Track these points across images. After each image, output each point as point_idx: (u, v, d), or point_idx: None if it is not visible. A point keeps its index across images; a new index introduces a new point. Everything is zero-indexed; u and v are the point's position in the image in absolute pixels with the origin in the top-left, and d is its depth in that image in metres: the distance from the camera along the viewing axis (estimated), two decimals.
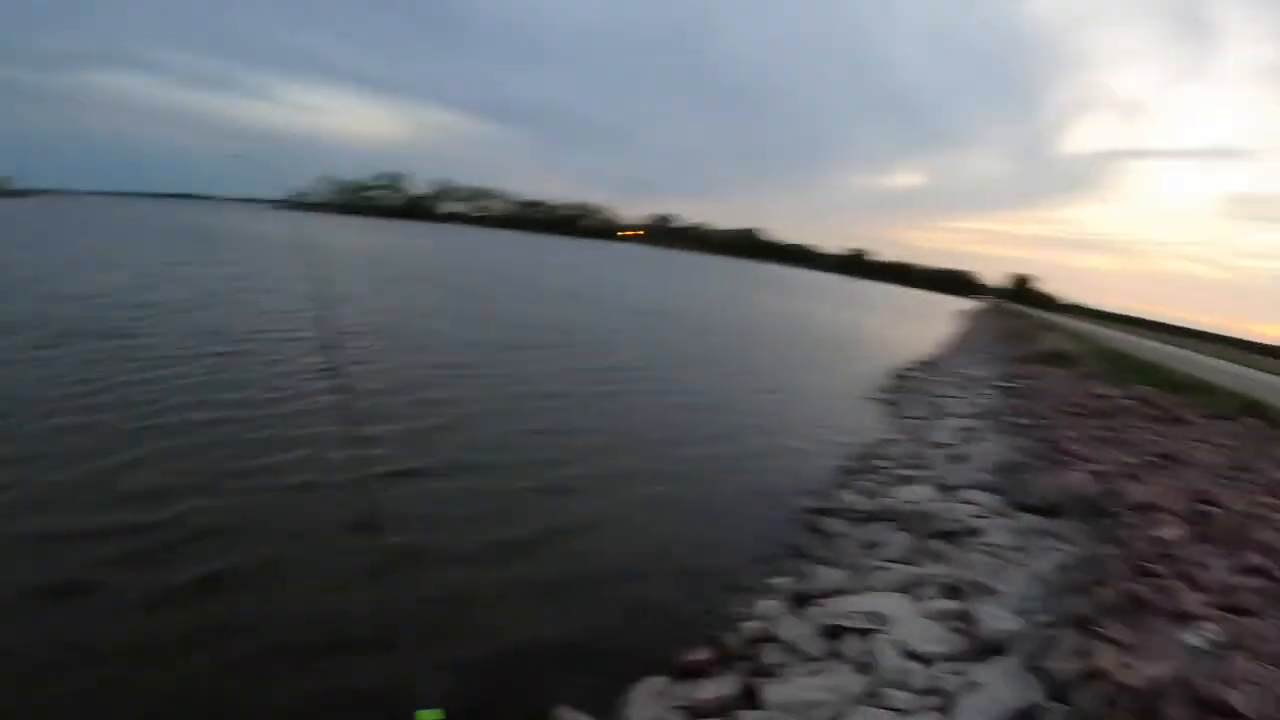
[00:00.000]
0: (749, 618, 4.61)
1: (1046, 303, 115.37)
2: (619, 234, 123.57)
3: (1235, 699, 3.01)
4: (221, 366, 10.28)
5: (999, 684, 3.43)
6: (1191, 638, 3.57)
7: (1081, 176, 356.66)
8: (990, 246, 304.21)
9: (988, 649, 3.82)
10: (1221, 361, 28.28)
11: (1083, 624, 3.78)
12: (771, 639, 4.28)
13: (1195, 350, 35.87)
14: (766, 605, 4.75)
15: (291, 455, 6.99)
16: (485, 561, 5.37)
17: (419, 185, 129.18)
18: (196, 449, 6.99)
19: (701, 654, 4.15)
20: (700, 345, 19.43)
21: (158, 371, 9.56)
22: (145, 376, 9.25)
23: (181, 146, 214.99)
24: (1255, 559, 4.68)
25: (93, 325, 12.07)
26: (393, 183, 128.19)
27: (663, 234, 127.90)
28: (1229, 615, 3.82)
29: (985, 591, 4.54)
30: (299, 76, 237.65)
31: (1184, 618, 3.77)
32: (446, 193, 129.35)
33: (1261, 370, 25.45)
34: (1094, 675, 3.28)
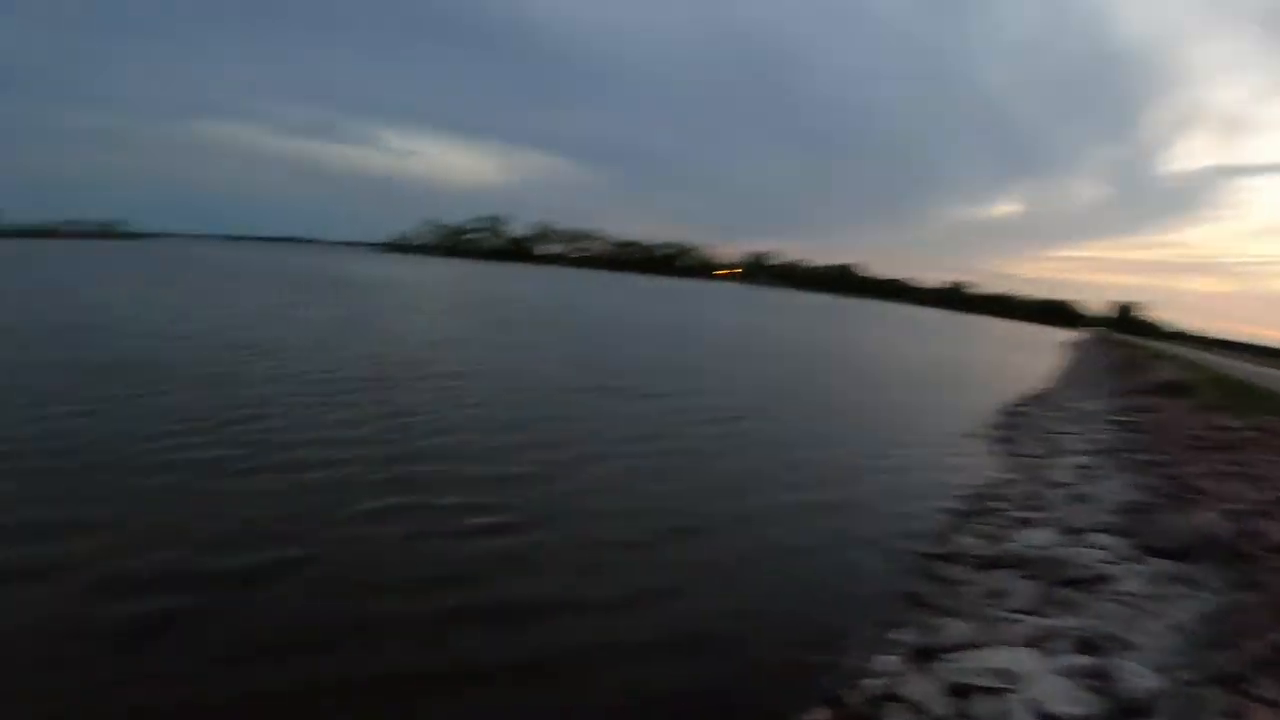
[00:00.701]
0: (870, 674, 4.53)
1: (1151, 330, 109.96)
2: (715, 273, 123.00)
3: None
4: (330, 406, 11.02)
5: None
6: None
7: (1184, 196, 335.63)
8: (1092, 274, 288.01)
9: (1129, 710, 3.71)
10: None
11: (1231, 681, 3.62)
12: (895, 698, 4.17)
13: None
14: (888, 660, 4.68)
15: (394, 500, 7.26)
16: (590, 613, 5.39)
17: (518, 227, 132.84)
18: (301, 490, 7.43)
19: (821, 714, 4.11)
20: (805, 385, 19.49)
21: (260, 410, 10.43)
22: (247, 414, 10.15)
23: (287, 192, 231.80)
24: None
25: (185, 361, 13.73)
26: (493, 225, 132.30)
27: (758, 271, 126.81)
28: None
29: (1122, 645, 4.39)
30: (398, 123, 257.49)
31: None
32: (545, 234, 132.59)
33: None
34: None
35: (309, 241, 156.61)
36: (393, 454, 8.79)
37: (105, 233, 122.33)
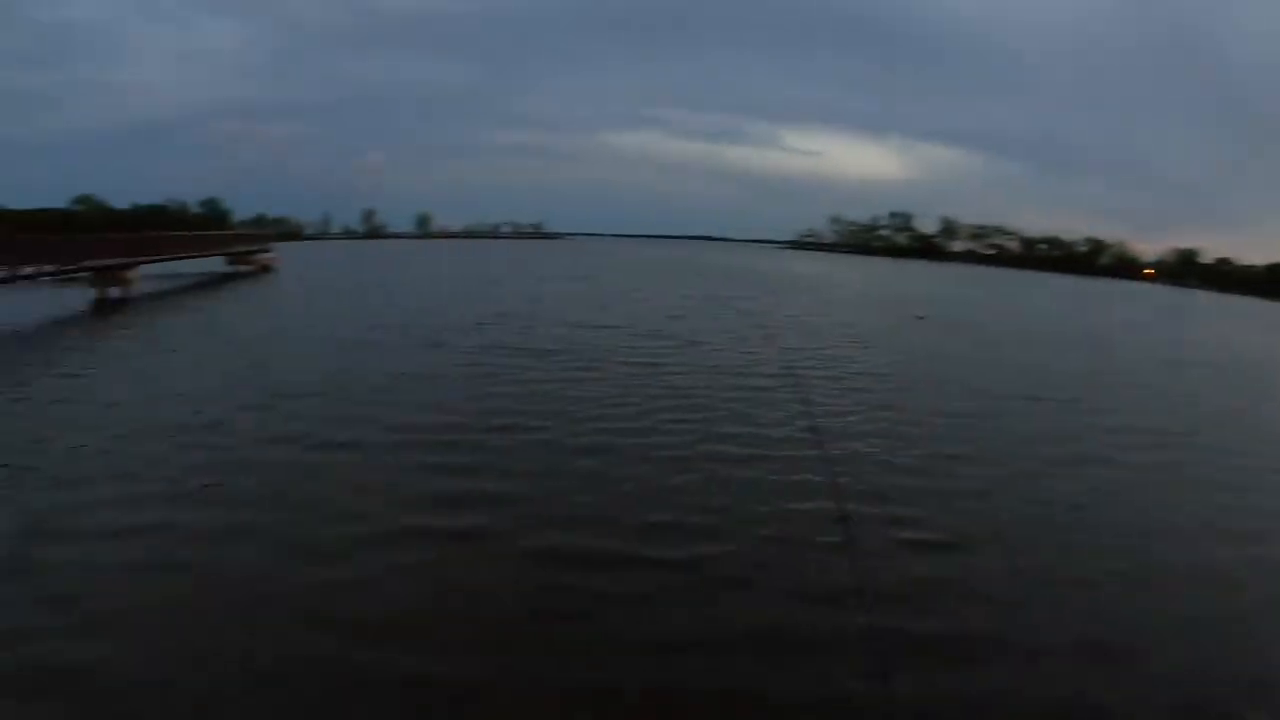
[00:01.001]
0: None
1: None
2: (1144, 272, 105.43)
3: None
4: (736, 399, 11.66)
5: None
6: None
7: None
8: None
9: None
10: None
11: None
12: None
13: None
14: None
15: (808, 506, 7.14)
16: (1011, 658, 4.85)
17: (923, 223, 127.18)
18: (700, 487, 7.64)
19: None
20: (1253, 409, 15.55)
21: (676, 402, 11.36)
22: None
23: (695, 194, 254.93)
24: None
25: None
26: (900, 222, 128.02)
27: (1186, 271, 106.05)
28: None
29: None
30: (800, 124, 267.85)
31: None
32: (951, 230, 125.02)
33: None
34: None
35: (719, 240, 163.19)
36: (810, 456, 8.72)
37: (536, 234, 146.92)
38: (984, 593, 5.71)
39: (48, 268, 24.06)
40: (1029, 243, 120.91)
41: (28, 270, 22.58)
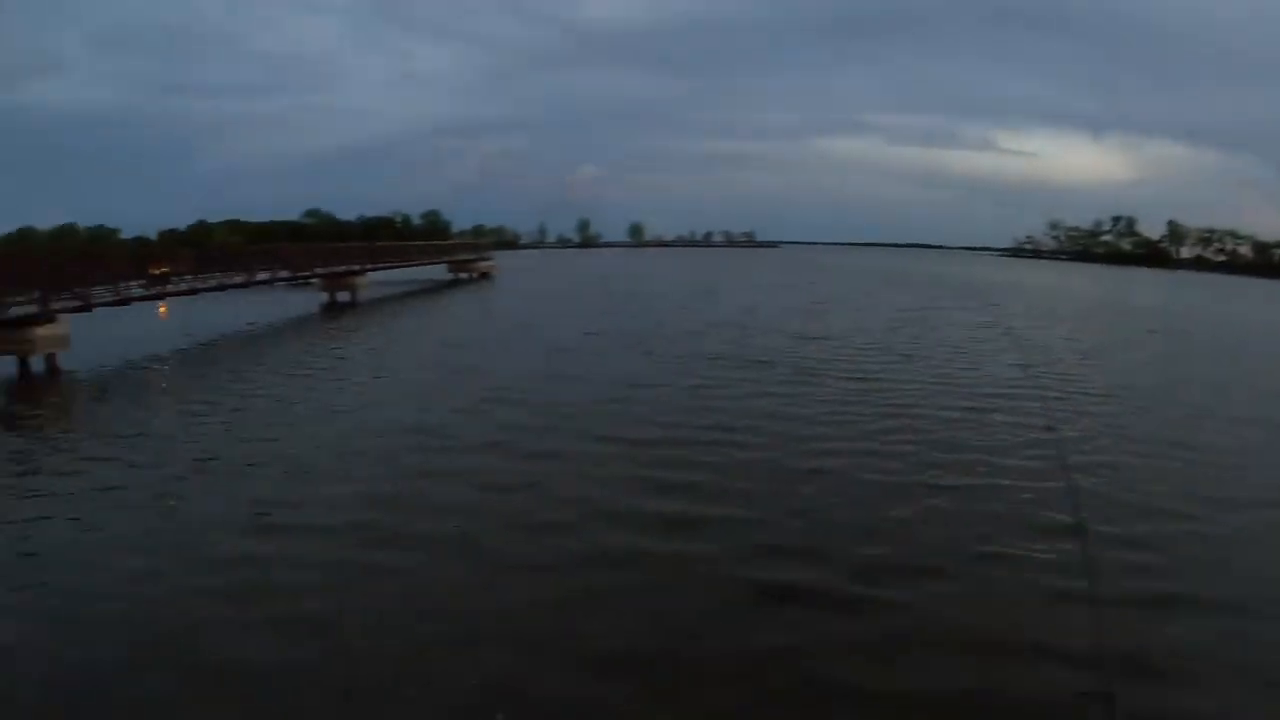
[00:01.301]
0: None
1: None
2: None
3: None
4: (962, 420, 10.95)
5: None
6: None
7: None
8: None
9: None
10: None
11: None
12: None
13: None
14: None
15: (1040, 546, 6.37)
16: None
17: (1148, 227, 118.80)
18: (921, 517, 7.09)
19: None
20: None
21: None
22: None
23: (909, 199, 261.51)
24: None
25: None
26: (1122, 226, 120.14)
27: None
28: None
29: None
30: (1015, 124, 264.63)
31: None
32: (1179, 235, 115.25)
33: None
34: None
35: (934, 247, 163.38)
36: (1046, 488, 7.71)
37: (748, 243, 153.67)
38: (1257, 666, 4.75)
39: (282, 273, 27.15)
40: (1263, 247, 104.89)
41: (262, 275, 25.57)
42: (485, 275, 47.68)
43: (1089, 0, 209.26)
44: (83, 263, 20.02)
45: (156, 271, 20.67)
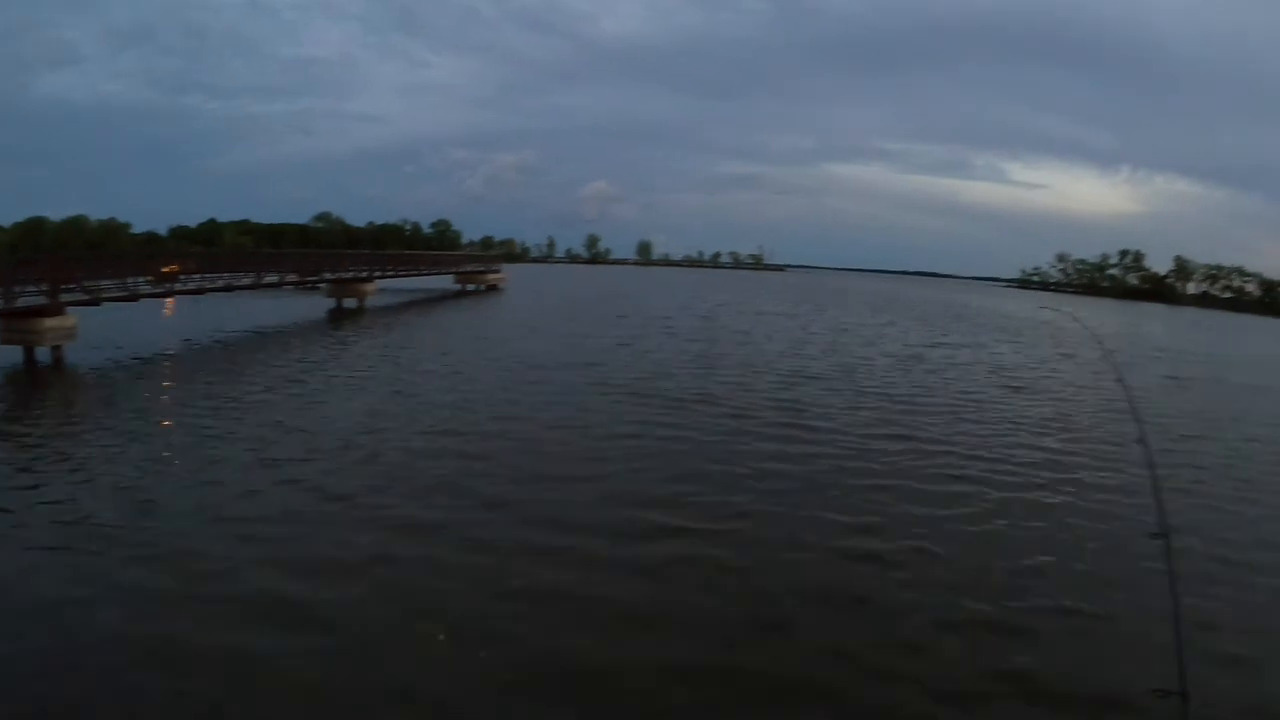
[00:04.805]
0: None
1: None
2: None
3: None
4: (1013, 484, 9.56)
5: None
6: None
7: None
8: None
9: None
10: None
11: None
12: None
13: None
14: None
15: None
16: None
17: (1156, 263, 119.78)
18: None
19: None
20: None
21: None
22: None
23: (917, 228, 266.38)
24: None
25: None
26: (1129, 261, 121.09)
27: None
28: None
29: None
30: (1026, 156, 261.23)
31: None
32: (1186, 271, 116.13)
33: None
34: None
35: (941, 276, 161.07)
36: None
37: (756, 265, 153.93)
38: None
39: (290, 276, 27.34)
40: (1270, 285, 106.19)
41: (270, 278, 25.73)
42: (494, 287, 47.60)
43: (1103, 36, 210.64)
44: (92, 262, 20.55)
45: (166, 270, 21.15)
